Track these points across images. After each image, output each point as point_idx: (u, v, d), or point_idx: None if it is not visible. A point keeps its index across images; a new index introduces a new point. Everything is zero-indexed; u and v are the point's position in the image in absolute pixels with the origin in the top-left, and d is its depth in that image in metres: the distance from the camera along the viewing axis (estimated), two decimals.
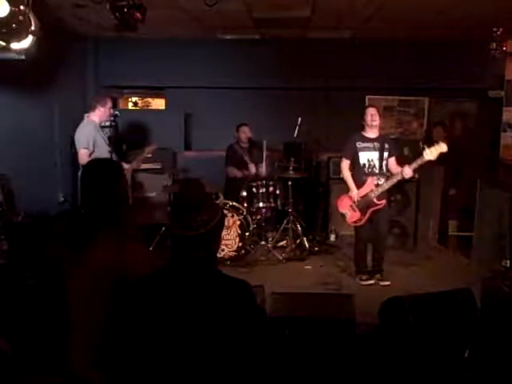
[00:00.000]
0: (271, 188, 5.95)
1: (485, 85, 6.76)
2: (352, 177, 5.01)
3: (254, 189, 5.90)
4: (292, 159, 5.99)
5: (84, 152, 4.76)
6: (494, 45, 5.45)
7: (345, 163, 5.08)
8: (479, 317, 3.12)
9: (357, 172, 5.00)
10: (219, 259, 5.23)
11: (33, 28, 3.27)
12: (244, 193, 5.95)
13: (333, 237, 6.57)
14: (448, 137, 6.48)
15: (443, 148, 4.56)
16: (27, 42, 3.33)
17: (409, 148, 6.51)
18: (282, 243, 6.03)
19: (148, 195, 6.45)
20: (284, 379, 2.73)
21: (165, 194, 6.27)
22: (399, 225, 6.28)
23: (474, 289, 3.24)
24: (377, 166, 4.95)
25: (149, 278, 1.80)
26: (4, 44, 3.22)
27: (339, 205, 5.15)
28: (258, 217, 6.00)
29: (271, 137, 6.79)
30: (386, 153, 4.96)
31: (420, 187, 6.23)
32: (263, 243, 5.94)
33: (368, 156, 4.96)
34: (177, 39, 6.98)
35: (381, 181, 4.90)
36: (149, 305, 1.70)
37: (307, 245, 5.95)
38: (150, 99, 8.32)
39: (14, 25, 3.08)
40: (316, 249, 6.05)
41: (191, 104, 7.30)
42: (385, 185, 4.88)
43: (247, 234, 5.72)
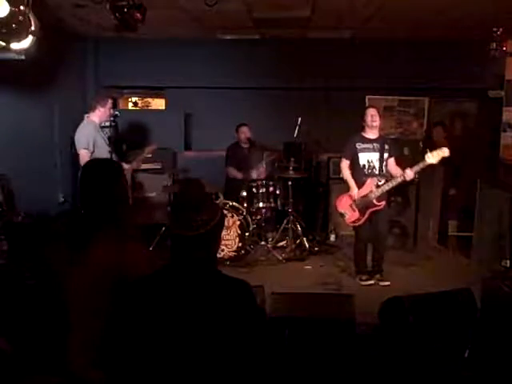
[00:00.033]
0: (271, 188, 5.96)
1: (485, 85, 6.76)
2: (352, 178, 5.02)
3: (254, 189, 5.90)
4: (292, 159, 5.98)
5: (84, 153, 4.76)
6: (494, 45, 5.45)
7: (344, 163, 5.08)
8: (479, 317, 3.12)
9: (356, 173, 5.00)
10: (219, 259, 5.23)
11: (33, 28, 3.27)
12: (244, 193, 5.95)
13: (333, 237, 6.58)
14: (448, 137, 6.50)
15: (445, 152, 4.58)
16: (27, 42, 3.33)
17: (409, 148, 6.51)
18: (282, 243, 6.03)
19: (148, 195, 6.45)
20: (284, 379, 2.73)
21: (165, 194, 6.27)
22: (399, 225, 6.28)
23: (474, 289, 3.24)
24: (376, 167, 4.95)
25: (149, 278, 1.80)
26: (4, 44, 3.22)
27: (338, 204, 5.15)
28: (258, 217, 6.00)
29: (271, 137, 6.81)
30: (386, 154, 4.96)
31: (420, 187, 6.22)
32: (263, 243, 5.95)
33: (368, 157, 4.96)
34: (177, 39, 6.98)
35: (381, 182, 4.90)
36: (149, 305, 1.70)
37: (307, 245, 5.95)
38: (150, 99, 8.31)
39: (14, 25, 3.08)
40: (316, 249, 6.06)
41: (191, 104, 7.30)
42: (385, 186, 4.87)
43: (247, 234, 5.72)
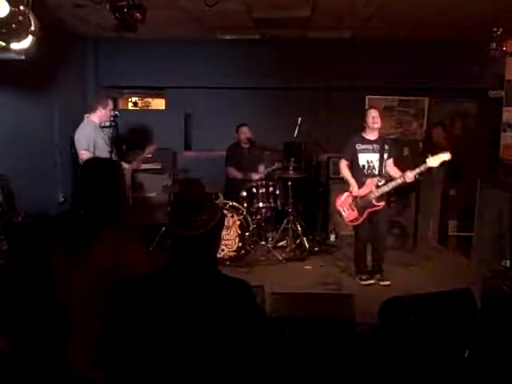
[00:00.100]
0: (271, 188, 5.96)
1: (485, 85, 6.76)
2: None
3: (254, 189, 5.90)
4: (292, 159, 5.98)
5: (85, 153, 4.75)
6: (494, 45, 5.45)
7: (343, 163, 5.08)
8: (479, 317, 3.12)
9: (356, 173, 5.00)
10: (219, 259, 5.23)
11: (33, 28, 3.27)
12: (244, 193, 5.94)
13: (333, 237, 6.58)
14: (448, 137, 6.50)
15: (446, 157, 4.59)
16: (27, 42, 3.33)
17: (408, 148, 6.51)
18: (282, 243, 6.03)
19: (148, 195, 6.45)
20: (284, 379, 2.73)
21: (165, 194, 6.27)
22: (399, 225, 6.28)
23: (474, 289, 3.23)
24: (376, 168, 4.94)
25: (149, 278, 1.80)
26: (4, 44, 3.22)
27: (337, 202, 5.14)
28: (258, 217, 6.00)
29: (271, 137, 6.81)
30: (386, 154, 4.96)
31: (420, 187, 6.22)
32: (263, 243, 5.95)
33: (367, 158, 4.96)
34: (177, 39, 6.97)
35: (381, 182, 4.90)
36: (149, 305, 1.70)
37: (307, 245, 5.95)
38: (150, 99, 8.30)
39: (14, 25, 3.08)
40: (316, 249, 6.06)
41: (191, 104, 7.30)
42: (385, 187, 4.87)
43: (247, 234, 5.71)
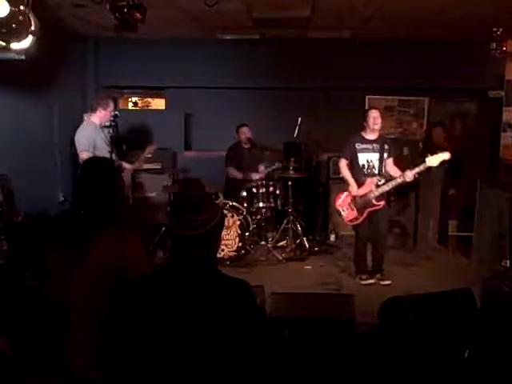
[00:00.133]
0: (271, 188, 5.96)
1: (485, 85, 6.75)
2: (351, 177, 5.01)
3: (254, 189, 5.90)
4: (292, 159, 5.98)
5: (85, 154, 4.74)
6: (494, 45, 5.45)
7: (343, 163, 5.08)
8: (479, 317, 3.12)
9: (356, 173, 5.00)
10: (219, 259, 5.23)
11: (33, 28, 3.27)
12: (244, 193, 5.94)
13: (333, 237, 6.58)
14: (448, 137, 6.49)
15: (445, 156, 4.60)
16: (27, 42, 3.33)
17: (408, 148, 6.51)
18: (282, 243, 6.03)
19: (148, 195, 6.45)
20: (284, 379, 2.73)
21: (165, 194, 6.26)
22: (399, 225, 6.29)
23: (474, 289, 3.23)
24: (376, 167, 4.95)
25: (149, 278, 1.80)
26: (4, 44, 3.22)
27: (337, 202, 5.15)
28: (258, 217, 5.99)
29: (271, 137, 6.81)
30: (386, 154, 4.96)
31: (420, 187, 6.22)
32: (263, 243, 5.94)
33: (367, 157, 4.96)
34: (177, 39, 6.97)
35: (381, 181, 4.90)
36: (149, 305, 1.70)
37: (307, 245, 5.95)
38: (150, 99, 8.30)
39: (14, 25, 3.08)
40: (316, 249, 6.05)
41: (191, 104, 7.30)
42: (385, 187, 4.87)
43: (247, 234, 5.71)
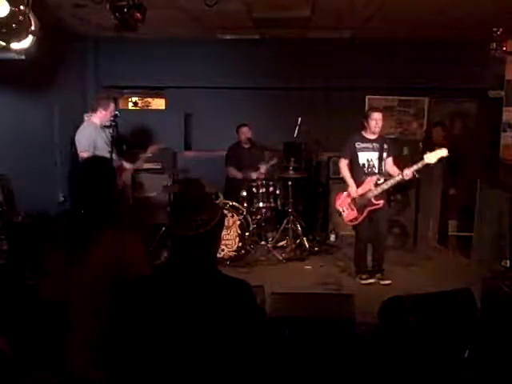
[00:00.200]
0: (271, 188, 5.96)
1: (485, 85, 6.75)
2: (351, 177, 5.02)
3: (254, 189, 5.90)
4: (292, 159, 5.98)
5: (86, 154, 4.74)
6: (494, 45, 5.45)
7: (343, 162, 5.09)
8: (479, 317, 3.12)
9: (356, 172, 5.01)
10: (219, 259, 5.23)
11: (33, 28, 3.27)
12: (244, 193, 5.94)
13: (333, 237, 6.58)
14: (448, 137, 6.50)
15: (443, 153, 4.60)
16: (27, 42, 3.34)
17: (408, 148, 6.51)
18: (282, 243, 6.03)
19: (148, 195, 6.45)
20: (284, 379, 2.73)
21: (165, 194, 6.26)
22: (399, 224, 6.28)
23: (474, 289, 3.23)
24: (376, 166, 4.96)
25: (149, 278, 1.80)
26: (4, 44, 3.22)
27: (337, 202, 5.16)
28: (258, 217, 5.99)
29: (271, 137, 6.81)
30: (385, 153, 4.97)
31: (420, 187, 6.23)
32: (263, 243, 5.94)
33: (367, 156, 4.97)
34: (177, 39, 6.97)
35: (380, 180, 4.91)
36: (149, 305, 1.70)
37: (307, 245, 5.95)
38: (150, 99, 8.30)
39: (14, 25, 3.08)
40: (316, 249, 6.05)
41: (191, 104, 7.30)
42: (384, 185, 4.88)
43: (247, 234, 5.71)
